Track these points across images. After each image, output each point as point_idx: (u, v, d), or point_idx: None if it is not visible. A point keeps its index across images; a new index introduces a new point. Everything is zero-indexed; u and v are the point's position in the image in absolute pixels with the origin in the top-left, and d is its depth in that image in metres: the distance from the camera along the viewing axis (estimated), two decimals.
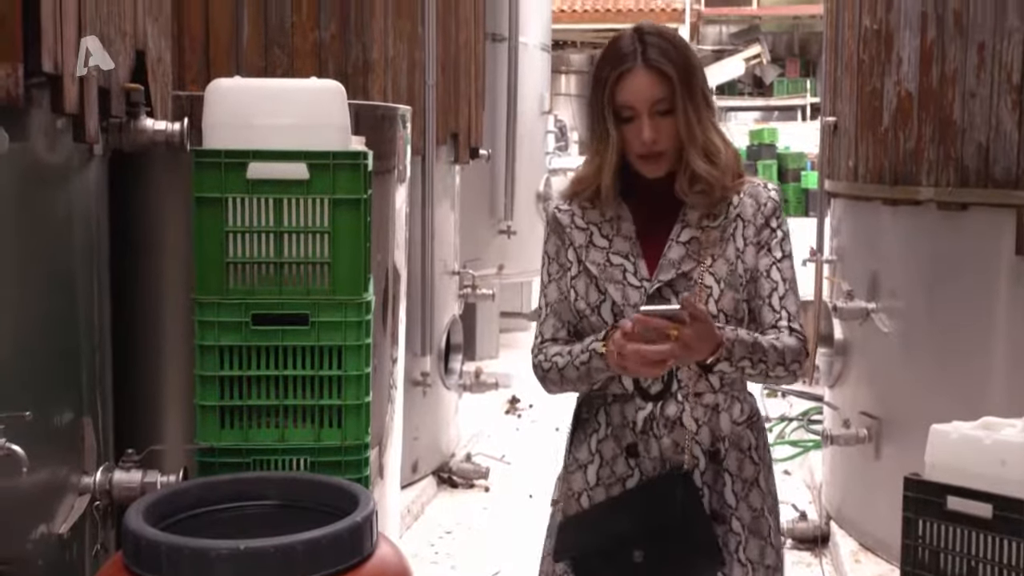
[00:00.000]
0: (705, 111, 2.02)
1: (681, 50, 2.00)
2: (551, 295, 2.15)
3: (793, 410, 6.54)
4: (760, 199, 2.10)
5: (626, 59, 1.97)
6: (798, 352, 2.02)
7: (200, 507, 2.31)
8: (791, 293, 2.06)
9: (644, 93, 1.97)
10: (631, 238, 2.10)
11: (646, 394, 2.07)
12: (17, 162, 2.05)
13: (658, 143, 1.99)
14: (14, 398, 2.06)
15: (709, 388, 2.08)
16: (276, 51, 4.44)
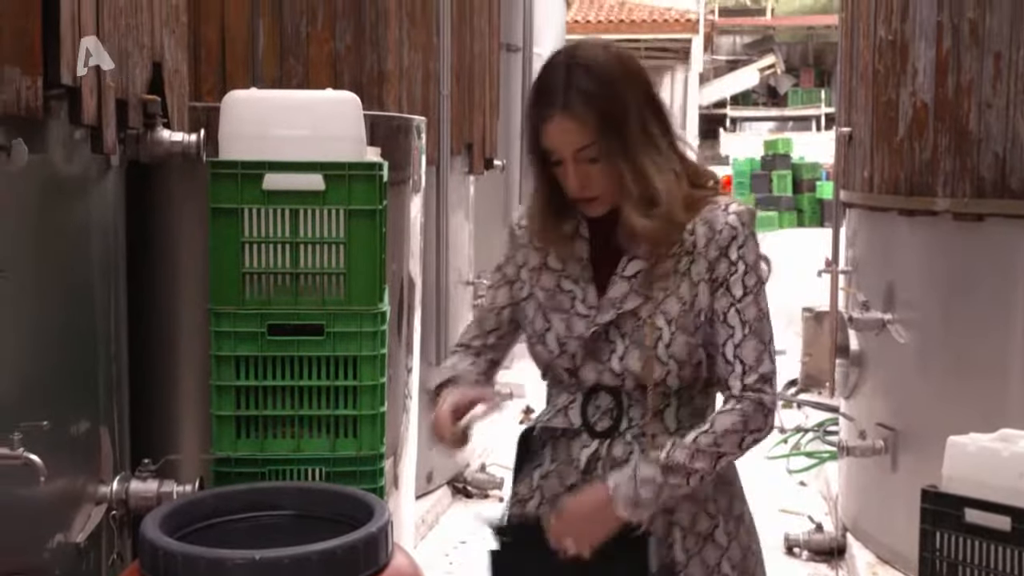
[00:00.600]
0: (643, 148, 1.78)
1: (609, 87, 1.76)
2: (485, 300, 2.02)
3: (809, 421, 6.52)
4: (715, 226, 1.80)
5: (548, 103, 1.78)
6: (742, 424, 1.75)
7: (216, 517, 2.31)
8: (751, 338, 1.77)
9: (565, 142, 1.77)
10: (583, 259, 1.89)
11: (593, 430, 1.86)
12: (36, 173, 2.06)
13: (588, 189, 1.80)
14: (32, 408, 2.07)
15: (663, 429, 1.82)
16: (291, 61, 4.46)
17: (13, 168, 1.84)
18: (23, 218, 2.07)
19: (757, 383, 1.75)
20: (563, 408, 1.88)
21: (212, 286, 2.64)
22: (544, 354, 1.89)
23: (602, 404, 1.84)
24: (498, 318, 1.98)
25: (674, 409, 1.83)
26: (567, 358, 1.85)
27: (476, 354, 2.00)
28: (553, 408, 1.90)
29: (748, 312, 1.78)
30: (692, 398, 1.84)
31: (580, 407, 1.86)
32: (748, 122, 27.47)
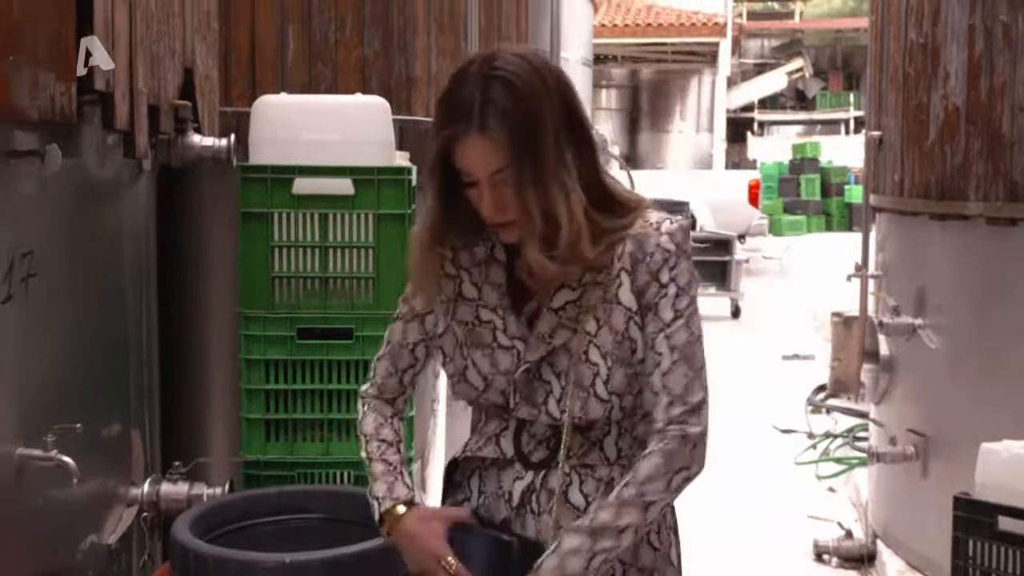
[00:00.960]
0: (554, 172, 1.58)
1: (527, 104, 1.58)
2: (394, 334, 1.80)
3: (838, 426, 6.47)
4: (646, 248, 1.63)
5: (461, 119, 1.58)
6: (666, 466, 1.59)
7: (246, 520, 2.33)
8: (680, 364, 1.62)
9: (479, 163, 1.59)
10: (500, 286, 1.70)
11: (527, 460, 1.69)
12: (69, 178, 2.08)
13: (504, 213, 1.61)
14: (65, 410, 2.09)
15: (602, 459, 1.68)
16: (320, 67, 4.48)
17: (47, 173, 1.85)
18: (57, 222, 2.09)
19: (682, 415, 1.60)
20: (493, 436, 1.71)
21: (242, 290, 2.66)
22: (469, 392, 1.72)
23: (537, 433, 1.67)
24: (412, 355, 1.79)
25: (614, 438, 1.68)
26: (495, 393, 1.68)
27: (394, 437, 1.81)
28: (482, 436, 1.72)
29: (677, 337, 1.62)
30: (634, 425, 1.68)
31: (513, 435, 1.69)
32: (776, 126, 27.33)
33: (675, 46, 20.96)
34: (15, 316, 1.85)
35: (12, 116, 1.66)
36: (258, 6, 4.34)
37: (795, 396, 7.08)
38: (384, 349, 1.82)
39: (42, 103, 1.74)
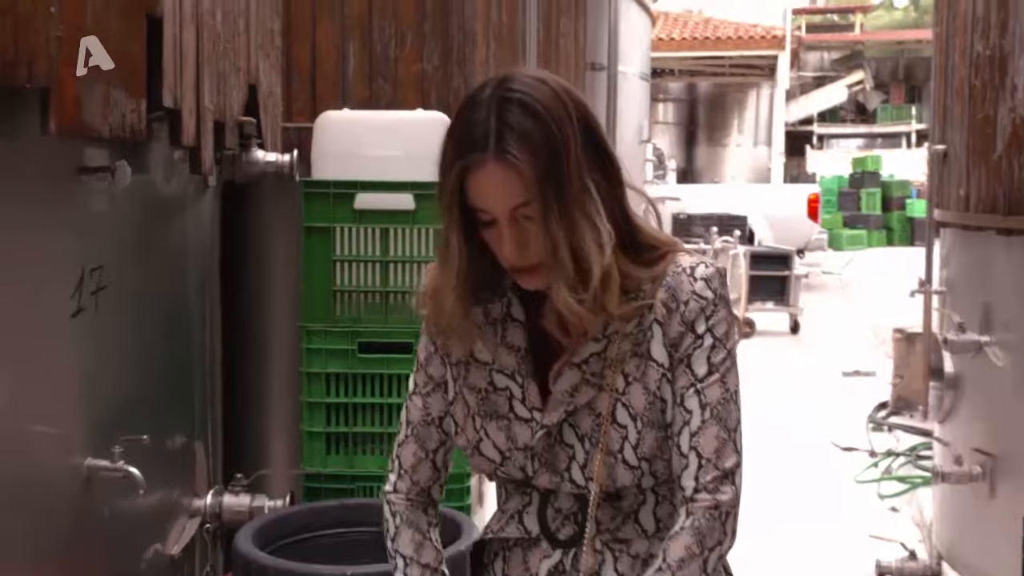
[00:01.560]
0: (580, 205, 1.40)
1: (550, 129, 1.39)
2: (413, 413, 1.59)
3: (900, 445, 6.36)
4: (680, 295, 1.45)
5: (476, 145, 1.38)
6: (700, 545, 1.41)
7: (306, 532, 2.34)
8: (712, 424, 1.44)
9: (499, 197, 1.39)
10: (519, 349, 1.51)
11: (554, 538, 1.51)
12: (137, 193, 2.12)
13: (527, 256, 1.42)
14: (132, 422, 2.12)
15: (638, 532, 1.50)
16: (380, 82, 4.52)
17: (117, 188, 1.89)
18: (125, 237, 2.13)
19: (713, 481, 1.42)
20: (516, 513, 1.53)
21: (304, 304, 2.69)
22: (484, 465, 1.53)
23: (563, 507, 1.50)
24: (441, 431, 1.58)
25: (650, 507, 1.50)
26: (513, 467, 1.50)
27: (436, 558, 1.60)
28: (504, 514, 1.55)
29: (710, 393, 1.44)
30: (672, 492, 1.49)
31: (537, 511, 1.51)
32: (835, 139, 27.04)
33: (733, 59, 20.83)
34: (85, 329, 1.88)
35: (84, 133, 1.69)
36: (319, 23, 4.40)
37: (856, 413, 6.98)
38: (404, 432, 1.60)
39: (113, 120, 1.78)
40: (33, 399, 1.73)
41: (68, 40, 1.60)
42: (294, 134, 3.17)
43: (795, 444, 6.20)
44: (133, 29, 1.85)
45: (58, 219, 1.81)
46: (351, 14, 4.40)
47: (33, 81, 1.53)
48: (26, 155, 1.66)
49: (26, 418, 1.71)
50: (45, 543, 1.80)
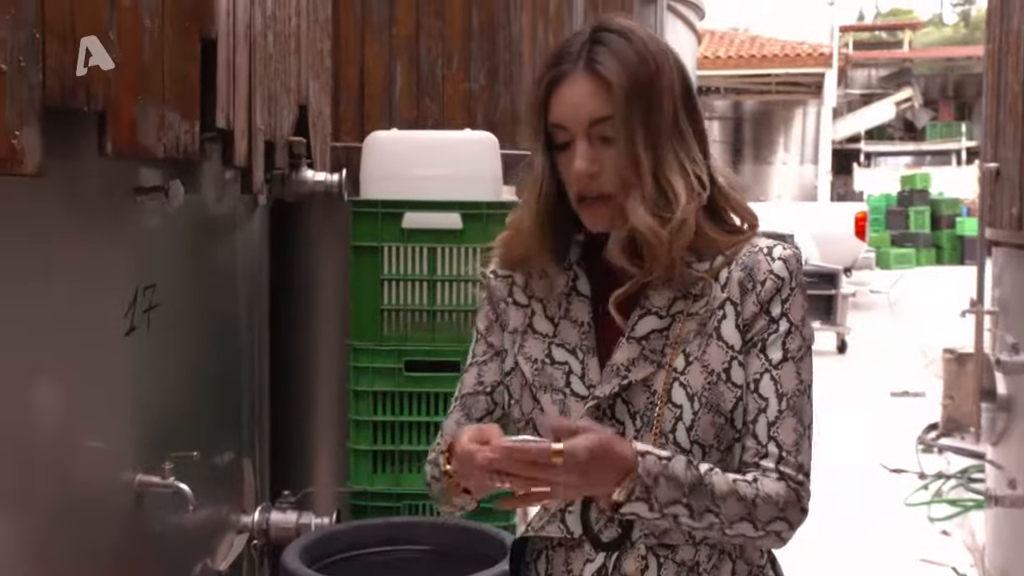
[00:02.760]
0: (671, 139, 1.37)
1: (645, 56, 1.37)
2: (467, 382, 1.53)
3: (951, 467, 6.26)
4: (756, 275, 1.40)
5: (566, 59, 1.38)
6: (783, 504, 1.35)
7: (353, 550, 2.36)
8: (789, 416, 1.38)
9: (579, 107, 1.36)
10: (583, 324, 1.45)
11: (597, 540, 1.43)
12: (190, 213, 2.15)
13: (597, 179, 1.37)
14: (182, 439, 2.15)
15: (685, 538, 1.40)
16: (427, 102, 4.55)
17: (170, 208, 1.92)
18: (177, 256, 2.16)
19: (798, 474, 1.37)
20: (559, 512, 1.46)
21: (352, 322, 2.71)
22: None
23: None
24: (490, 400, 1.52)
25: None
26: None
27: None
28: (547, 511, 1.48)
29: (786, 382, 1.38)
30: None
31: (580, 512, 1.44)
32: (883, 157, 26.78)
33: (779, 77, 20.73)
34: (137, 347, 1.91)
35: (139, 154, 1.72)
36: (367, 44, 4.45)
37: (905, 434, 6.88)
38: (454, 404, 1.55)
39: (167, 141, 1.80)
40: (87, 416, 1.76)
41: (125, 64, 1.63)
42: (342, 153, 3.20)
43: (843, 466, 6.13)
44: (188, 52, 1.88)
45: (113, 238, 1.84)
46: (399, 35, 4.45)
47: (91, 104, 1.56)
48: (83, 176, 1.69)
49: (81, 434, 1.74)
50: (97, 558, 1.82)
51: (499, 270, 1.53)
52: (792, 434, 1.38)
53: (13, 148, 1.34)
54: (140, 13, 1.68)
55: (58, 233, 1.63)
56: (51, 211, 1.60)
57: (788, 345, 1.40)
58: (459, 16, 4.50)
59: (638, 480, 1.27)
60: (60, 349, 1.64)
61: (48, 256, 1.60)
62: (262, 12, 2.34)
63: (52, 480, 1.65)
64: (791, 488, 1.36)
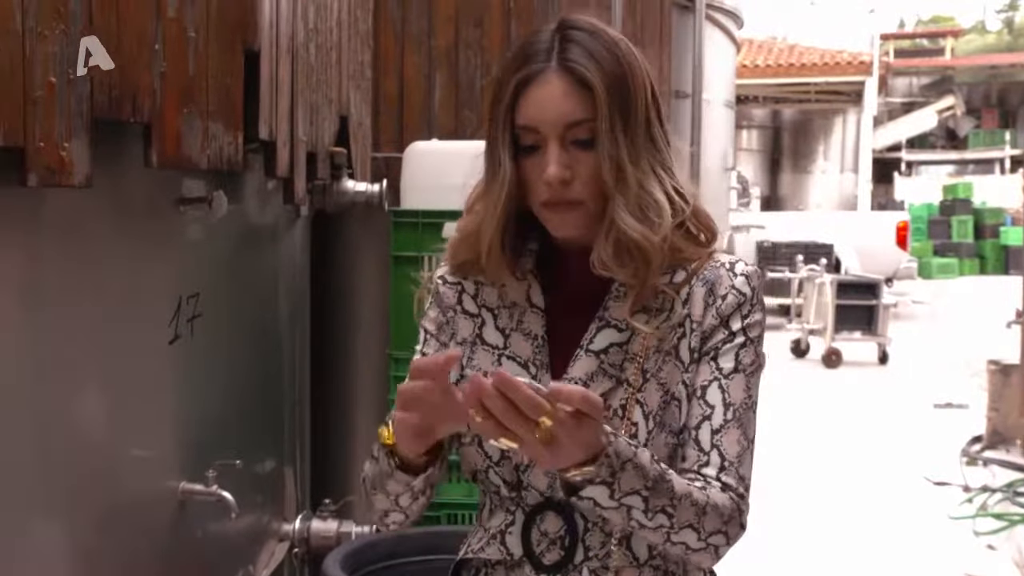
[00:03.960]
0: (646, 147, 1.31)
1: (617, 52, 1.31)
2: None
3: (996, 480, 6.17)
4: (718, 290, 1.35)
5: (536, 58, 1.30)
6: (727, 517, 1.28)
7: (393, 559, 2.36)
8: (734, 427, 1.31)
9: (554, 110, 1.28)
10: (536, 337, 1.37)
11: (539, 563, 1.36)
12: (233, 223, 2.17)
13: (570, 185, 1.29)
14: (225, 447, 2.17)
15: (629, 560, 1.34)
16: (466, 112, 4.58)
17: (213, 218, 1.94)
18: (221, 265, 2.18)
19: (739, 487, 1.30)
20: (498, 533, 1.38)
21: (392, 331, 2.71)
22: (478, 459, 1.37)
23: (549, 529, 1.35)
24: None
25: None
26: (508, 469, 1.36)
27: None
28: (486, 533, 1.40)
29: (735, 393, 1.33)
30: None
31: (520, 532, 1.36)
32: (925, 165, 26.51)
33: (819, 85, 20.60)
34: (181, 356, 1.93)
35: (184, 165, 1.74)
36: (407, 54, 4.48)
37: (949, 447, 6.79)
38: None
39: (211, 153, 1.82)
40: (133, 424, 1.78)
41: (171, 76, 1.65)
42: (382, 163, 3.22)
43: (886, 478, 6.06)
44: (232, 64, 1.90)
45: (157, 248, 1.86)
46: (438, 46, 4.48)
47: (137, 115, 1.58)
48: (129, 186, 1.71)
49: (126, 442, 1.76)
50: (141, 564, 1.84)
51: (448, 276, 1.45)
52: (736, 446, 1.32)
53: (62, 159, 1.36)
54: (185, 25, 1.70)
55: (104, 243, 1.65)
56: (98, 221, 1.62)
57: (741, 358, 1.34)
58: (497, 27, 4.52)
59: (606, 461, 1.18)
60: (106, 357, 1.66)
61: (95, 266, 1.62)
62: (304, 24, 2.36)
63: (98, 487, 1.67)
64: (733, 501, 1.30)
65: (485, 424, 1.11)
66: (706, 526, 1.26)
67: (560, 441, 1.12)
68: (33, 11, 1.30)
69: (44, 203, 1.46)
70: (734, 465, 1.31)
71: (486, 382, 1.10)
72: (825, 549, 4.85)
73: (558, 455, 1.14)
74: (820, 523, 5.27)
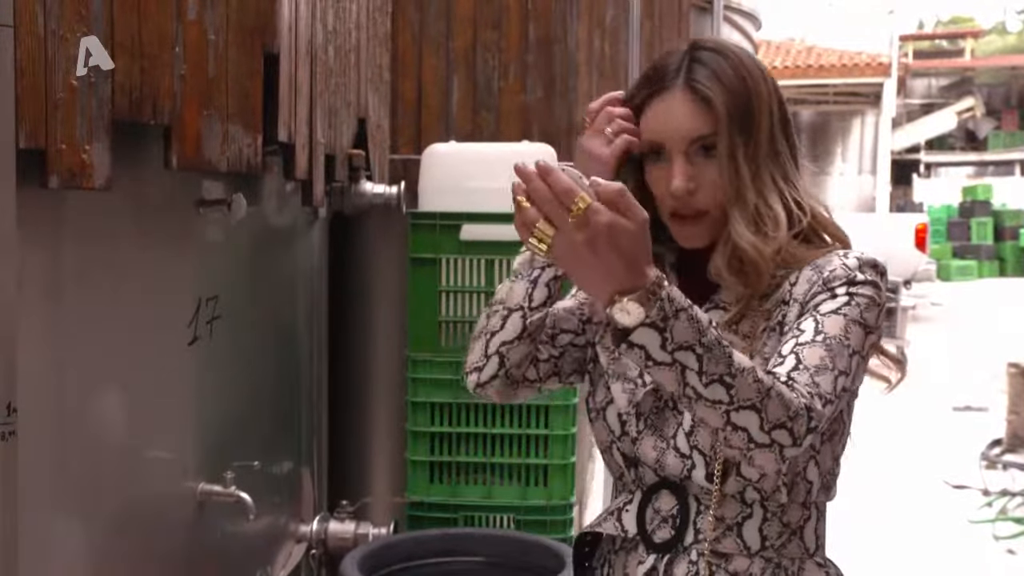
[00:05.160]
0: (768, 161, 1.37)
1: (742, 72, 1.38)
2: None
3: (1016, 484, 6.13)
4: (825, 269, 1.34)
5: (665, 78, 1.39)
6: (793, 412, 1.19)
7: (410, 560, 2.36)
8: (819, 347, 1.26)
9: (679, 124, 1.36)
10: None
11: (650, 540, 1.40)
12: (252, 225, 2.17)
13: (695, 195, 1.36)
14: (243, 448, 2.17)
15: (740, 548, 1.36)
16: (484, 114, 4.57)
17: (232, 220, 1.94)
18: (239, 267, 2.18)
19: (810, 389, 1.23)
20: (616, 511, 1.43)
21: (410, 333, 2.72)
22: (604, 434, 1.45)
23: (663, 508, 1.39)
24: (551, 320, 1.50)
25: (757, 522, 1.36)
26: (628, 441, 1.42)
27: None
28: (606, 510, 1.46)
29: (831, 327, 1.27)
30: (785, 510, 1.37)
31: (637, 510, 1.41)
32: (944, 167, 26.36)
33: (837, 87, 20.51)
34: (200, 358, 1.93)
35: (203, 167, 1.74)
36: (424, 56, 4.48)
37: (968, 450, 6.75)
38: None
39: (231, 155, 1.83)
40: (152, 424, 1.79)
41: (191, 79, 1.66)
42: (400, 165, 3.22)
43: (904, 482, 6.03)
44: (251, 67, 1.91)
45: (177, 250, 1.87)
46: (456, 47, 4.47)
47: (157, 117, 1.58)
48: (148, 188, 1.72)
49: (145, 442, 1.77)
50: (160, 565, 1.85)
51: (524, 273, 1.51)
52: (818, 360, 1.25)
53: (83, 162, 1.37)
54: (205, 28, 1.71)
55: (124, 245, 1.66)
56: (118, 223, 1.63)
57: (846, 309, 1.30)
58: (516, 29, 4.52)
59: (658, 303, 1.12)
60: (126, 359, 1.67)
61: (115, 268, 1.63)
62: (323, 27, 2.37)
63: (118, 488, 1.67)
64: (801, 397, 1.21)
65: (527, 212, 1.12)
66: (770, 413, 1.17)
67: (596, 231, 1.09)
68: (55, 14, 1.31)
69: (65, 205, 1.47)
70: (808, 370, 1.24)
71: (530, 168, 1.12)
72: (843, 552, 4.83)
73: (595, 251, 1.10)
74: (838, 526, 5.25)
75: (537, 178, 1.11)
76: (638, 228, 1.11)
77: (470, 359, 1.49)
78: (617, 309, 1.13)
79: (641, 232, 1.12)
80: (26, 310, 1.35)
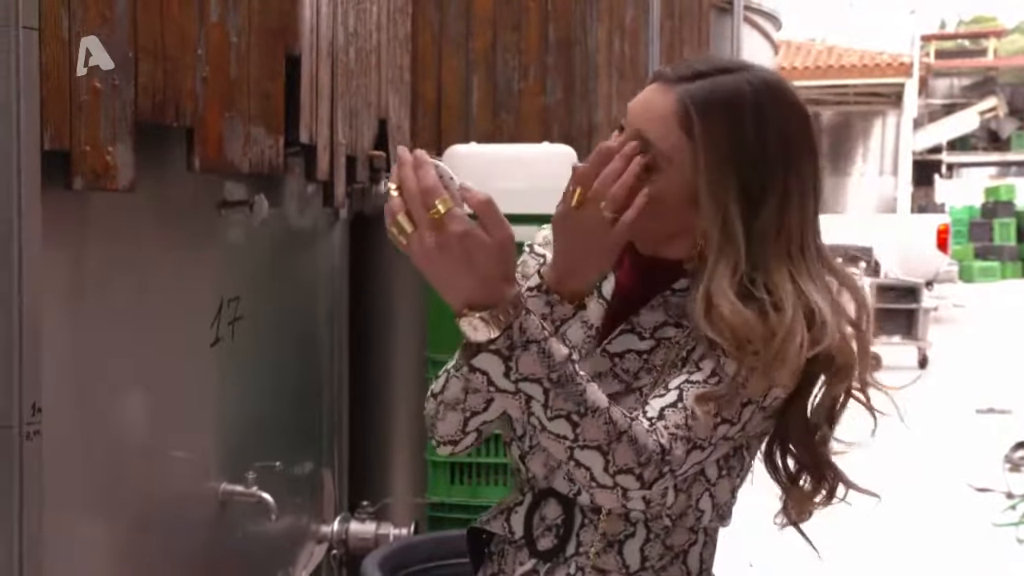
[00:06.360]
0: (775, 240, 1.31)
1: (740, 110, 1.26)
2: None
3: None
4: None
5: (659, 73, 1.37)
6: (646, 458, 1.16)
7: (431, 561, 2.36)
8: (679, 409, 1.20)
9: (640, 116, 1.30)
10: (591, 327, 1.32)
11: (533, 546, 1.35)
12: (273, 226, 2.18)
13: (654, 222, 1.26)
14: (264, 449, 2.18)
15: (619, 566, 1.31)
16: (503, 115, 4.58)
17: (254, 221, 1.95)
18: (261, 268, 2.19)
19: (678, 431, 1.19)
20: (506, 510, 1.39)
21: (430, 334, 2.72)
22: (507, 429, 1.39)
23: (548, 516, 1.34)
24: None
25: (639, 542, 1.31)
26: (525, 446, 1.36)
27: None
28: (498, 507, 1.41)
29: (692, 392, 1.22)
30: (669, 532, 1.32)
31: (525, 514, 1.36)
32: (966, 168, 26.20)
33: (858, 87, 20.41)
34: (222, 358, 1.94)
35: (226, 169, 1.75)
36: (445, 58, 4.49)
37: (991, 452, 6.70)
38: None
39: (252, 156, 1.84)
40: (175, 425, 1.79)
41: (213, 81, 1.67)
42: None
43: (927, 485, 5.99)
44: (273, 69, 1.91)
45: (199, 251, 1.88)
46: (476, 49, 4.48)
47: (180, 120, 1.59)
48: (171, 190, 1.73)
49: (168, 443, 1.78)
50: (182, 564, 1.86)
51: (538, 248, 1.44)
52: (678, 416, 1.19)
53: (107, 163, 1.38)
54: (227, 31, 1.72)
55: (147, 246, 1.67)
56: (141, 224, 1.64)
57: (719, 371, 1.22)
58: (535, 30, 4.52)
59: (507, 332, 1.08)
60: (149, 360, 1.68)
61: (138, 269, 1.64)
62: (344, 29, 2.38)
63: (141, 488, 1.68)
64: (660, 440, 1.17)
65: (393, 201, 1.09)
66: (617, 457, 1.15)
67: (448, 238, 1.06)
68: (79, 17, 1.32)
69: (89, 206, 1.48)
70: (686, 411, 1.20)
71: (408, 155, 1.09)
72: (866, 555, 4.80)
73: (446, 258, 1.07)
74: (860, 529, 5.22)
75: (410, 167, 1.08)
76: (495, 244, 1.08)
77: (442, 429, 1.35)
78: (465, 322, 1.09)
79: (498, 249, 1.08)
80: (50, 310, 1.36)
